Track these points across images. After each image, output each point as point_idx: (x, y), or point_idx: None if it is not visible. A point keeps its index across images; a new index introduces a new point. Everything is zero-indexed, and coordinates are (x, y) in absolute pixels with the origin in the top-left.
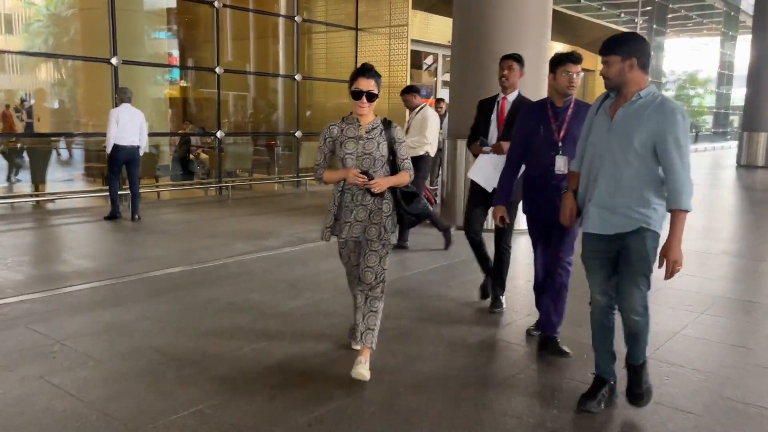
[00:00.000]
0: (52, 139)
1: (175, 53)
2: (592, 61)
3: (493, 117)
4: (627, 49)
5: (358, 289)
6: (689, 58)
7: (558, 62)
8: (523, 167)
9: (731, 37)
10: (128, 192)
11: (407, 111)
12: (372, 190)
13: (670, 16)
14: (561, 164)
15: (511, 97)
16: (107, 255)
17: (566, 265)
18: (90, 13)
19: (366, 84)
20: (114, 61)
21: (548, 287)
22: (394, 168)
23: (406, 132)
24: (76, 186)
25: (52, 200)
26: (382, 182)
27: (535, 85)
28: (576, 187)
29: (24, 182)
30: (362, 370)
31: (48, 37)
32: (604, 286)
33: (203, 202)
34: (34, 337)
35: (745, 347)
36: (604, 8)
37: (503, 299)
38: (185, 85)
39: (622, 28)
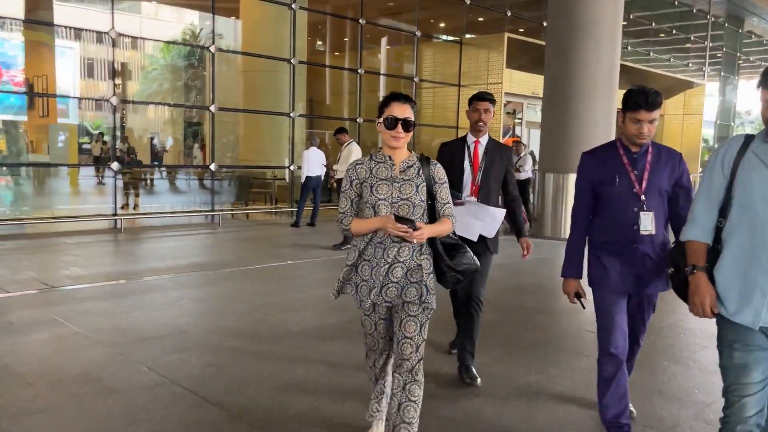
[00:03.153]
0: (225, 170)
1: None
2: (663, 106)
3: (467, 163)
4: None
5: (394, 373)
6: None
7: (627, 105)
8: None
9: None
10: (311, 208)
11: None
12: (411, 241)
13: (740, 62)
14: (647, 222)
15: (484, 140)
16: (320, 245)
17: (642, 342)
18: (249, 75)
19: (401, 110)
20: (292, 114)
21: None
22: (433, 214)
23: (337, 161)
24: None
25: (245, 213)
26: (427, 231)
27: (604, 133)
28: (704, 263)
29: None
30: None
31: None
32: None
33: None
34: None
35: None
36: (672, 59)
37: (474, 370)
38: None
39: (689, 78)
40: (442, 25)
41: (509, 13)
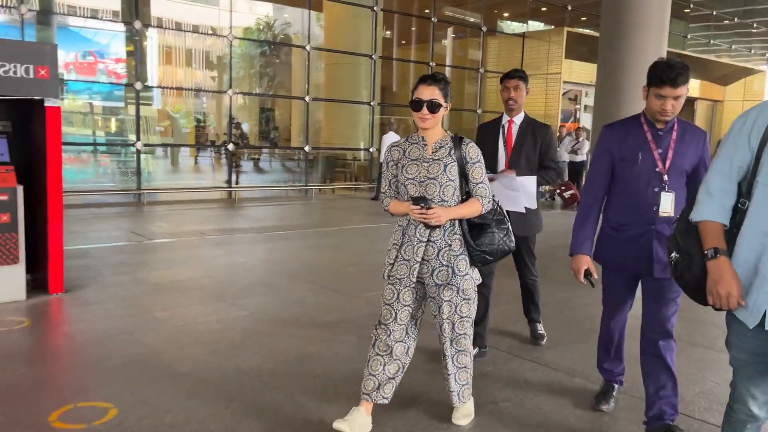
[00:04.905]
0: (304, 150)
1: None
2: (720, 92)
3: (501, 142)
4: None
5: (442, 351)
6: None
7: (651, 79)
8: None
9: None
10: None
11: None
12: (429, 222)
13: None
14: (668, 204)
15: (518, 119)
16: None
17: (672, 333)
18: (331, 67)
19: (427, 92)
20: (372, 103)
21: (648, 362)
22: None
23: None
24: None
25: (332, 188)
26: (442, 213)
27: None
28: (723, 246)
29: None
30: (460, 418)
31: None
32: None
33: None
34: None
35: None
36: (733, 46)
37: (541, 327)
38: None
39: (749, 65)
40: (506, 14)
41: (569, 7)
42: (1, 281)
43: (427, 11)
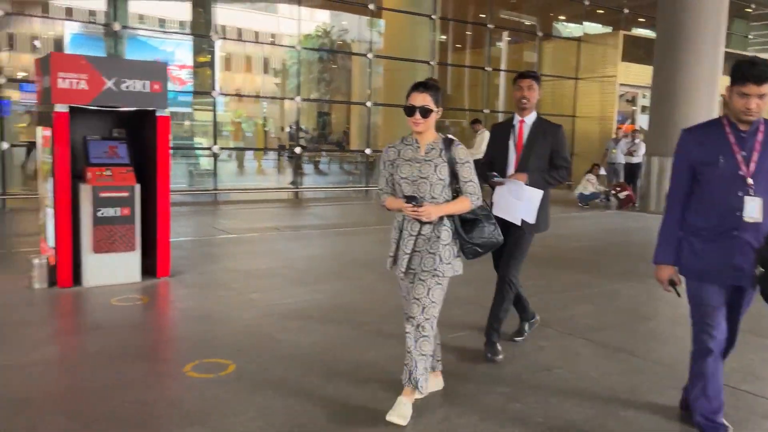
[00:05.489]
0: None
1: None
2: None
3: (511, 142)
4: None
5: (406, 332)
6: None
7: (734, 78)
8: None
9: None
10: None
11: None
12: (420, 218)
13: None
14: (754, 209)
15: (530, 119)
16: None
17: (736, 340)
18: (390, 72)
19: (419, 98)
20: None
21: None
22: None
23: (473, 146)
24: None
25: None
26: (432, 210)
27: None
28: None
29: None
30: (396, 416)
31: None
32: None
33: None
34: None
35: None
36: None
37: (499, 346)
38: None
39: None
40: (561, 17)
41: (626, 10)
42: (121, 265)
43: (483, 16)
